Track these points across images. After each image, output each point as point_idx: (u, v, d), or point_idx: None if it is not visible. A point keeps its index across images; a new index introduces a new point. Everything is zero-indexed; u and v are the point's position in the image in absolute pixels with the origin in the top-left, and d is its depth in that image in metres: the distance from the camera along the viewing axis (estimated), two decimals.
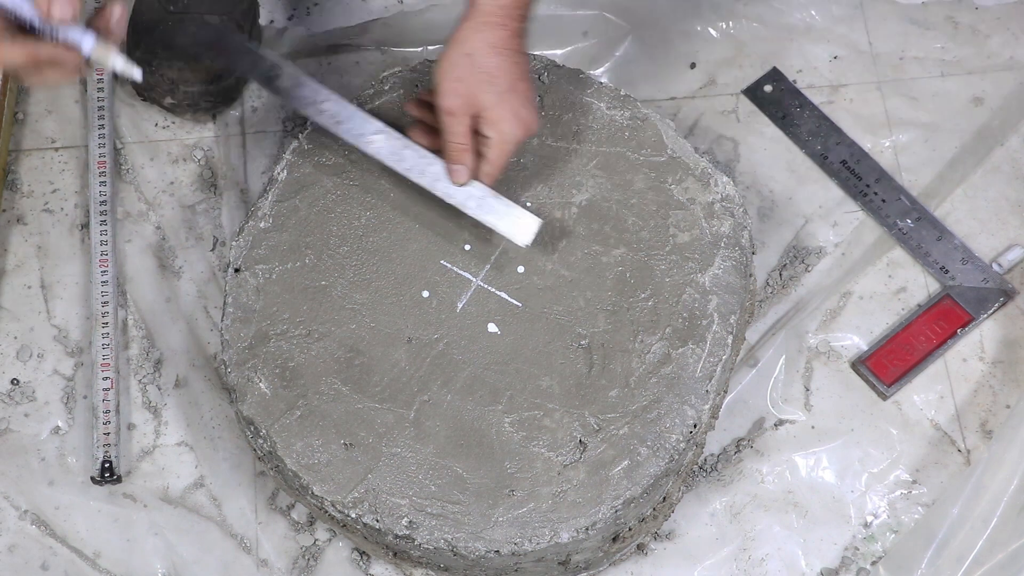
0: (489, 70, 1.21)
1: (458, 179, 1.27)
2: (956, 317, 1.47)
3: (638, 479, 1.24)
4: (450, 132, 1.24)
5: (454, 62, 1.21)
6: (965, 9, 1.64)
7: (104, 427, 1.41)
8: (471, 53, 1.20)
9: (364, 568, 1.39)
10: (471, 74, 1.21)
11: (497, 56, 1.21)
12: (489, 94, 1.21)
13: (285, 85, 1.32)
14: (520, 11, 1.22)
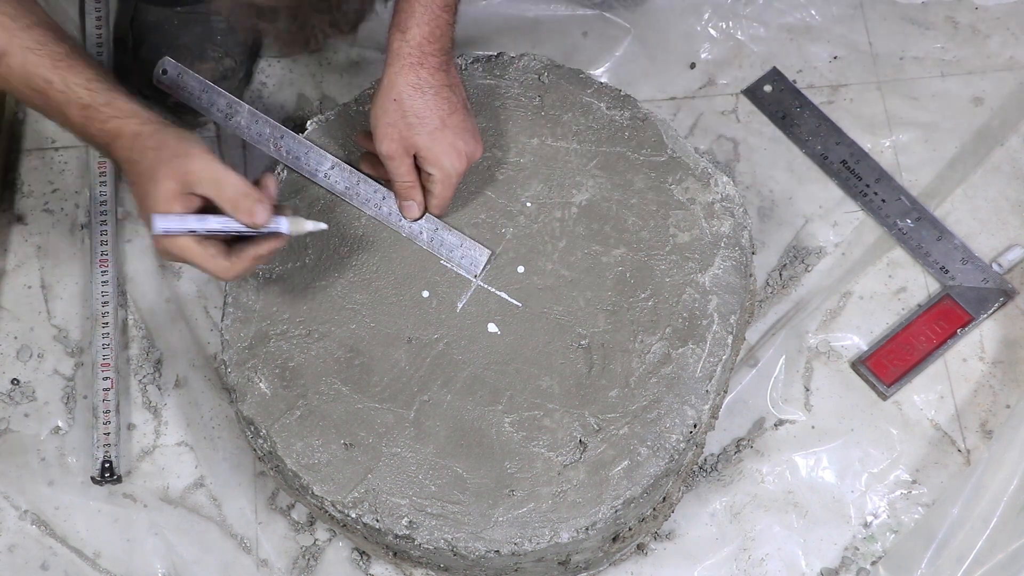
0: (416, 112, 1.24)
1: (411, 215, 1.31)
2: (956, 317, 1.47)
3: (638, 479, 1.24)
4: (394, 174, 1.28)
5: (384, 108, 1.24)
6: (965, 9, 1.64)
7: (104, 427, 1.41)
8: (397, 97, 1.24)
9: (364, 568, 1.39)
10: (401, 118, 1.24)
11: (422, 96, 1.24)
12: (421, 135, 1.25)
13: (242, 123, 1.35)
14: (437, 45, 1.24)
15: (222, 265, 1.16)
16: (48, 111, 1.19)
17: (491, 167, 1.36)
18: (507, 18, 1.62)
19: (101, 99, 1.17)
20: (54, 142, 1.58)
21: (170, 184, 1.13)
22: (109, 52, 1.58)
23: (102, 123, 1.17)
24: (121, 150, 1.16)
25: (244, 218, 1.14)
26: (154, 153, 1.15)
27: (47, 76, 1.17)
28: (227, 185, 1.14)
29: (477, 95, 1.38)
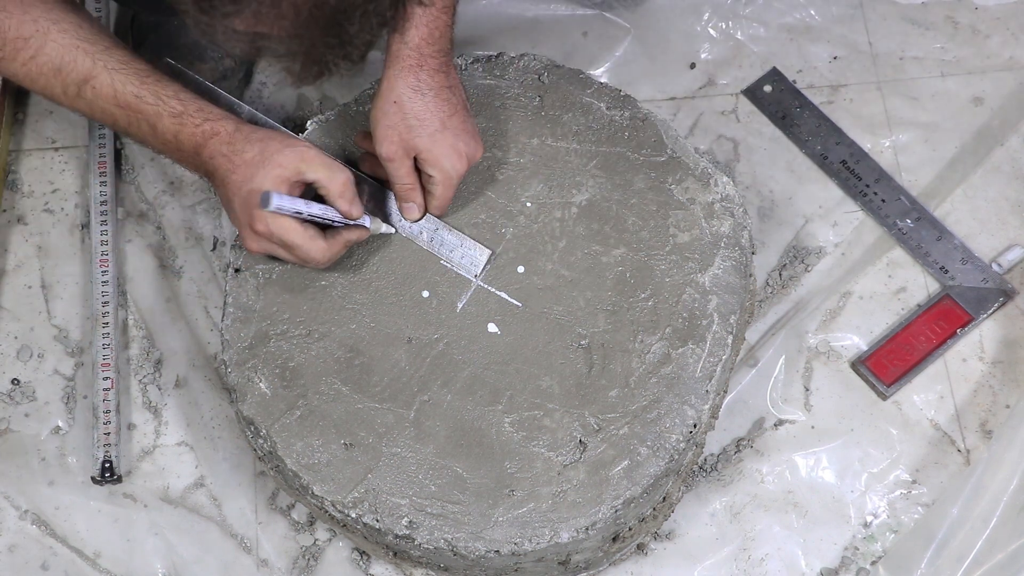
0: (416, 114, 1.25)
1: (411, 216, 1.31)
2: (956, 317, 1.47)
3: (638, 479, 1.24)
4: (395, 176, 1.28)
5: (384, 111, 1.25)
6: (965, 9, 1.64)
7: (104, 427, 1.41)
8: (397, 100, 1.25)
9: (364, 568, 1.39)
10: (401, 120, 1.25)
11: (422, 99, 1.25)
12: (422, 137, 1.25)
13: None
14: (436, 46, 1.25)
15: (320, 246, 1.23)
16: (134, 126, 1.24)
17: (491, 167, 1.36)
18: (507, 18, 1.62)
19: (193, 106, 1.24)
20: (54, 142, 1.58)
21: (280, 170, 1.20)
22: None
23: (195, 126, 1.22)
24: (218, 145, 1.22)
25: (345, 206, 1.22)
26: (261, 144, 1.21)
27: (137, 91, 1.23)
28: (339, 173, 1.22)
29: (477, 95, 1.38)
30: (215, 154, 1.22)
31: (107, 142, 1.54)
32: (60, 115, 1.59)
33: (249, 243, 1.24)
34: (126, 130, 1.26)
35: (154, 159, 1.56)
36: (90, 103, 1.24)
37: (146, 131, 1.24)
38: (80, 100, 1.24)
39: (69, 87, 1.23)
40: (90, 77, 1.22)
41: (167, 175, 1.56)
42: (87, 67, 1.22)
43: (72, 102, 1.25)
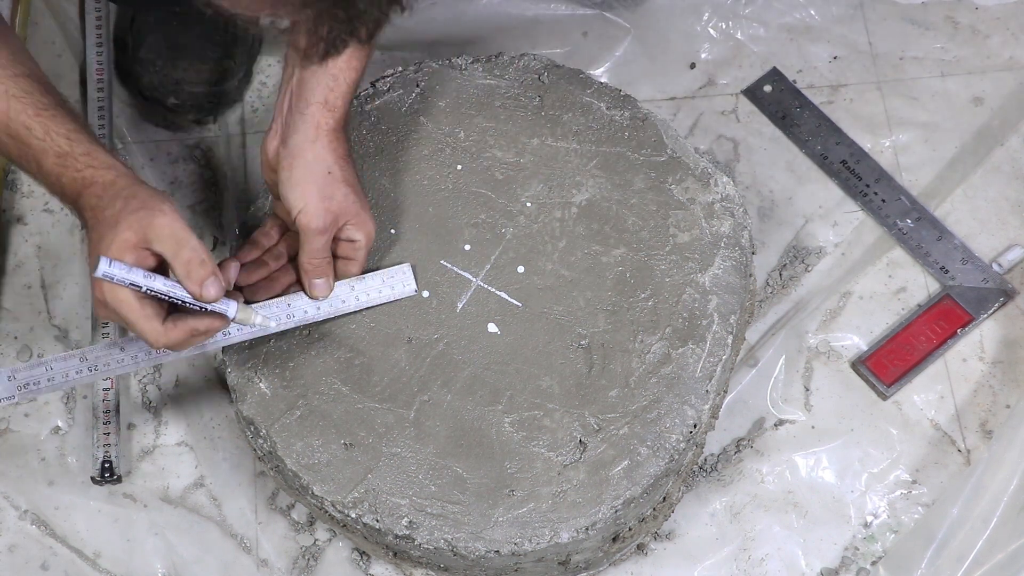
0: (347, 180, 1.22)
1: (321, 293, 1.25)
2: (956, 317, 1.47)
3: (638, 479, 1.24)
4: (315, 250, 1.22)
5: (316, 182, 1.20)
6: (965, 9, 1.64)
7: (104, 427, 1.41)
8: (332, 171, 1.21)
9: (364, 568, 1.39)
10: (336, 190, 1.21)
11: (349, 165, 1.23)
12: (354, 204, 1.23)
13: None
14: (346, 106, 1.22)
15: (155, 329, 1.11)
16: (22, 159, 1.17)
17: (491, 167, 1.36)
18: (507, 18, 1.62)
19: (80, 149, 1.15)
20: None
21: (129, 234, 1.09)
22: (109, 52, 1.58)
23: (77, 171, 1.14)
24: (90, 197, 1.13)
25: (193, 287, 1.10)
26: (122, 202, 1.11)
27: (28, 123, 1.15)
28: (186, 247, 1.10)
29: (477, 95, 1.38)
30: (86, 207, 1.14)
31: (106, 142, 1.54)
32: None
33: (95, 307, 1.14)
34: (17, 160, 1.18)
35: (154, 159, 1.56)
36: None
37: (32, 167, 1.16)
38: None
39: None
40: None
41: (167, 175, 1.56)
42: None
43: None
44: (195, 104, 1.55)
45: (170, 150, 1.57)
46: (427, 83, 1.39)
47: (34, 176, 1.18)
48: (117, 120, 1.57)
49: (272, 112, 1.24)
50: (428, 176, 1.36)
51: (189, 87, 1.52)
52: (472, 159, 1.36)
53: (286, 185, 1.21)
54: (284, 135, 1.22)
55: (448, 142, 1.37)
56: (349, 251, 1.26)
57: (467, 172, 1.35)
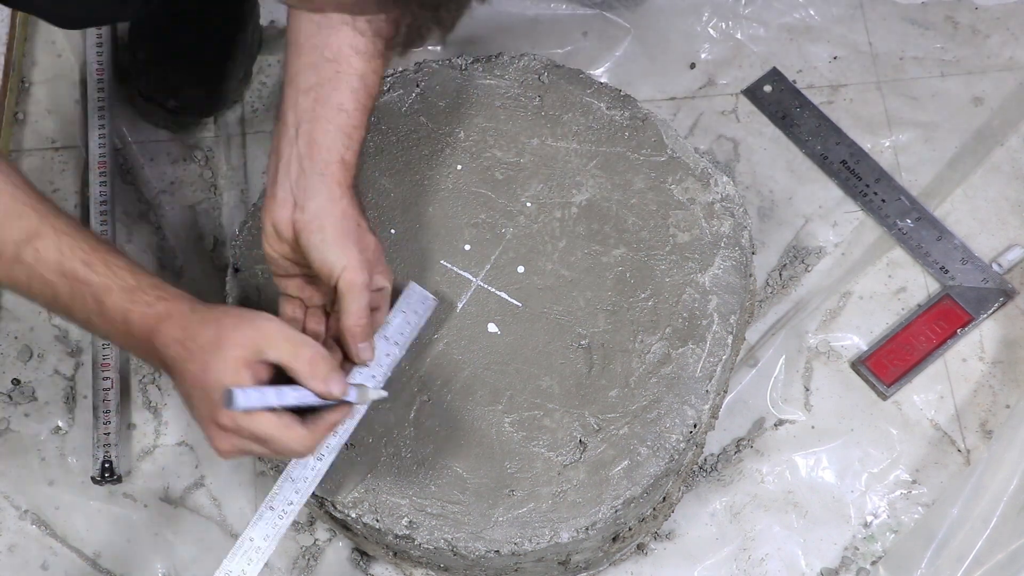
0: (372, 231, 1.16)
1: (368, 357, 1.16)
2: (956, 317, 1.47)
3: (638, 479, 1.24)
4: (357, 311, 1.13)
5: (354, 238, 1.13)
6: (965, 9, 1.64)
7: (104, 427, 1.41)
8: (359, 223, 1.15)
9: (364, 568, 1.39)
10: (368, 242, 1.15)
11: (366, 218, 1.17)
12: (380, 253, 1.16)
13: None
14: (359, 165, 1.17)
15: (299, 435, 1.05)
16: (74, 299, 1.07)
17: (491, 167, 1.36)
18: (507, 18, 1.62)
19: (146, 282, 1.07)
20: (54, 142, 1.58)
21: (239, 352, 1.03)
22: (109, 54, 1.58)
23: (148, 306, 1.06)
24: (171, 330, 1.05)
25: (319, 386, 1.04)
26: (215, 324, 1.05)
27: (86, 259, 1.06)
28: (304, 347, 1.05)
29: (477, 95, 1.38)
30: (169, 341, 1.05)
31: (107, 142, 1.54)
32: (60, 115, 1.59)
33: (216, 442, 1.05)
34: (68, 305, 1.07)
35: (154, 159, 1.56)
36: (30, 268, 1.05)
37: (91, 307, 1.07)
38: (19, 265, 1.06)
39: (6, 247, 1.05)
40: (35, 236, 1.05)
41: (167, 175, 1.56)
42: (33, 224, 1.05)
43: (8, 267, 1.06)
44: (195, 105, 1.55)
45: (170, 150, 1.57)
46: (427, 83, 1.39)
47: (84, 319, 1.08)
48: (117, 120, 1.57)
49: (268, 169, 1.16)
50: (428, 176, 1.36)
51: (188, 89, 1.52)
52: (472, 159, 1.36)
53: (321, 248, 1.12)
54: (299, 201, 1.13)
55: (448, 142, 1.37)
56: (378, 300, 1.18)
57: (467, 172, 1.35)
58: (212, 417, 1.04)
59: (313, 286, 1.18)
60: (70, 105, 1.59)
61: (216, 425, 1.04)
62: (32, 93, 1.60)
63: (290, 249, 1.15)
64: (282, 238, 1.14)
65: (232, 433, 1.04)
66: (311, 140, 1.13)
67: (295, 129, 1.14)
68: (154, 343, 1.06)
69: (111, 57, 1.58)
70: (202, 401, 1.04)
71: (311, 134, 1.13)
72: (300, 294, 1.18)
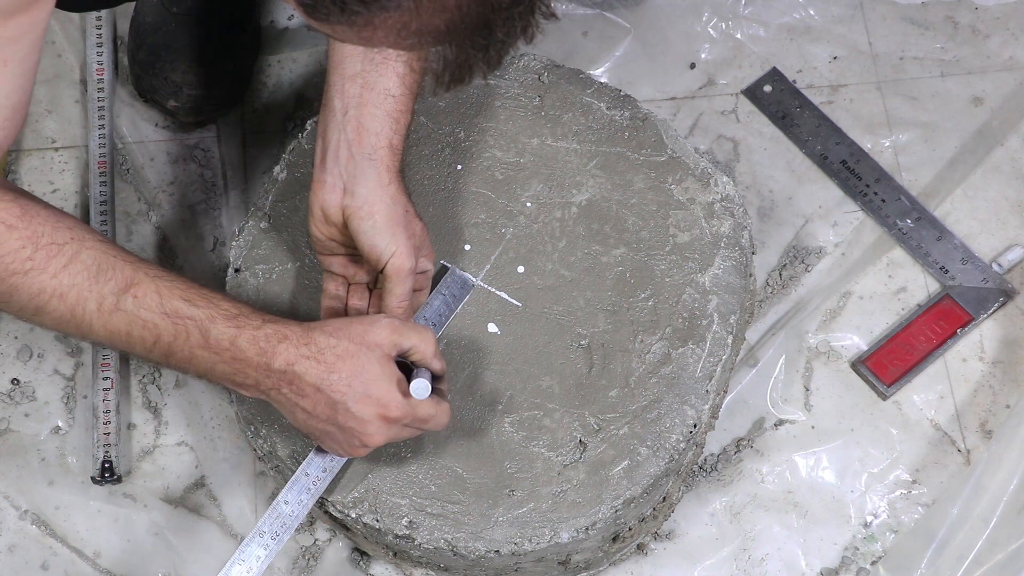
0: (418, 216, 1.21)
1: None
2: (956, 317, 1.47)
3: (638, 479, 1.24)
4: (407, 292, 1.19)
5: (403, 223, 1.17)
6: (965, 9, 1.64)
7: (104, 427, 1.41)
8: (407, 209, 1.19)
9: (364, 568, 1.39)
10: (415, 227, 1.19)
11: (412, 203, 1.21)
12: (425, 236, 1.22)
13: None
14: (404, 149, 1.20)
15: (447, 409, 1.15)
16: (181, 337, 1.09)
17: (491, 167, 1.36)
18: None
19: (248, 309, 1.11)
20: (54, 142, 1.58)
21: (382, 350, 1.10)
22: (109, 54, 1.58)
23: (256, 328, 1.09)
24: (295, 347, 1.09)
25: (441, 365, 1.15)
26: (345, 334, 1.10)
27: (185, 295, 1.09)
28: (427, 332, 1.13)
29: (477, 95, 1.38)
30: (296, 358, 1.09)
31: (107, 142, 1.54)
32: (60, 115, 1.59)
33: (374, 438, 1.12)
34: (169, 345, 1.09)
35: (154, 159, 1.56)
36: (130, 315, 1.08)
37: (196, 341, 1.09)
38: (118, 313, 1.08)
39: (106, 298, 1.07)
40: (132, 284, 1.08)
41: (167, 175, 1.56)
42: (128, 273, 1.08)
43: (107, 318, 1.08)
44: (195, 106, 1.55)
45: (170, 150, 1.57)
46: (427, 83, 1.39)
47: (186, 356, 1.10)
48: (117, 120, 1.57)
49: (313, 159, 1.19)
50: (428, 176, 1.36)
51: (189, 89, 1.52)
52: (472, 159, 1.36)
53: (370, 234, 1.16)
54: (348, 186, 1.16)
55: (448, 142, 1.37)
56: (421, 281, 1.23)
57: (467, 172, 1.35)
58: (381, 413, 1.10)
59: (356, 265, 1.22)
60: (70, 105, 1.59)
61: (383, 419, 1.11)
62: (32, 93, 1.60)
63: (338, 232, 1.19)
64: (330, 222, 1.18)
65: (396, 423, 1.11)
66: (359, 125, 1.16)
67: (343, 115, 1.16)
68: (272, 365, 1.09)
69: (111, 57, 1.58)
70: (362, 403, 1.10)
71: (359, 119, 1.16)
72: (344, 272, 1.23)
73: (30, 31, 1.04)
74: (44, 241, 1.06)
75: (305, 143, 1.37)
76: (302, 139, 1.38)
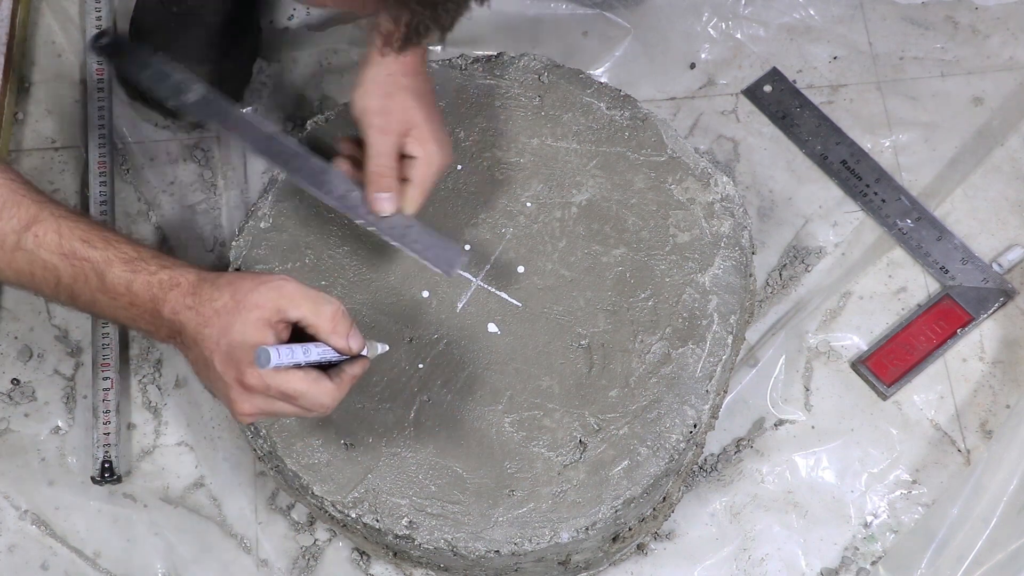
0: (414, 87, 1.17)
1: (383, 208, 1.19)
2: (956, 317, 1.47)
3: (638, 479, 1.24)
4: (378, 154, 1.16)
5: (378, 82, 1.16)
6: (965, 9, 1.64)
7: (104, 427, 1.41)
8: (392, 73, 1.16)
9: (364, 568, 1.39)
10: (398, 90, 1.16)
11: (416, 75, 1.18)
12: (419, 110, 1.17)
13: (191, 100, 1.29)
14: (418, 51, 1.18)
15: (328, 388, 1.06)
16: (80, 279, 1.08)
17: (491, 167, 1.36)
18: (507, 18, 1.62)
19: (147, 253, 1.09)
20: (54, 142, 1.58)
21: (260, 312, 1.04)
22: None
23: (151, 274, 1.07)
24: (181, 296, 1.06)
25: (342, 343, 1.06)
26: (230, 288, 1.05)
27: (85, 236, 1.08)
28: (325, 304, 1.06)
29: (477, 95, 1.38)
30: (180, 308, 1.06)
31: (107, 142, 1.54)
32: (60, 115, 1.59)
33: (240, 404, 1.06)
34: (71, 287, 1.09)
35: (154, 159, 1.56)
36: (31, 254, 1.07)
37: (93, 283, 1.07)
38: (20, 252, 1.07)
39: (7, 236, 1.07)
40: (34, 222, 1.07)
41: (167, 175, 1.56)
42: (32, 212, 1.07)
43: (10, 256, 1.07)
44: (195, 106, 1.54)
45: (170, 150, 1.57)
46: None
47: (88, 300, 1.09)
48: (117, 120, 1.57)
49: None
50: None
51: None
52: (472, 159, 1.36)
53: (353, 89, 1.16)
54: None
55: None
56: (408, 169, 1.18)
57: (467, 172, 1.35)
58: (238, 379, 1.04)
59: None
60: (70, 105, 1.59)
61: (241, 386, 1.04)
62: (32, 93, 1.60)
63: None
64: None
65: (258, 394, 1.04)
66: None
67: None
68: (161, 312, 1.06)
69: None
70: (224, 364, 1.04)
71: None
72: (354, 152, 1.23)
73: None
74: None
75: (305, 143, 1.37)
76: (302, 139, 1.37)
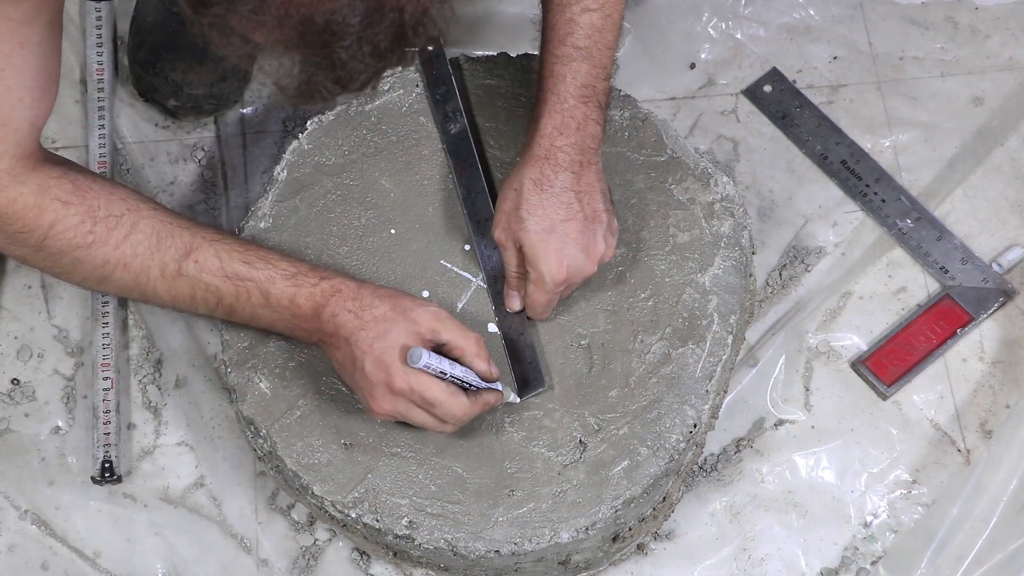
0: (529, 207, 1.21)
1: (510, 305, 1.28)
2: (956, 317, 1.47)
3: (638, 479, 1.24)
4: (505, 261, 1.26)
5: (505, 195, 1.24)
6: (965, 9, 1.64)
7: (104, 427, 1.41)
8: (518, 188, 1.22)
9: (364, 568, 1.39)
10: (514, 209, 1.22)
11: (539, 193, 1.21)
12: (526, 231, 1.21)
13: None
14: (569, 140, 1.21)
15: (463, 402, 1.17)
16: (242, 298, 1.19)
17: (491, 167, 1.36)
18: (507, 18, 1.62)
19: (304, 267, 1.19)
20: (54, 142, 1.58)
21: (416, 327, 1.15)
22: (109, 52, 1.58)
23: (313, 285, 1.18)
24: (342, 302, 1.17)
25: (483, 366, 1.18)
26: (391, 300, 1.17)
27: (244, 258, 1.18)
28: (471, 333, 1.18)
29: (477, 95, 1.38)
30: (339, 311, 1.17)
31: (107, 142, 1.54)
32: (60, 115, 1.59)
33: (380, 402, 1.16)
34: (231, 306, 1.19)
35: (154, 159, 1.56)
36: (193, 279, 1.17)
37: (256, 300, 1.18)
38: (180, 279, 1.17)
39: (168, 265, 1.16)
40: (192, 249, 1.17)
41: (167, 175, 1.56)
42: (187, 239, 1.16)
43: (170, 283, 1.17)
44: (195, 106, 1.55)
45: (170, 150, 1.57)
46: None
47: (249, 315, 1.20)
48: (117, 120, 1.57)
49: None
50: (428, 176, 1.36)
51: (189, 89, 1.52)
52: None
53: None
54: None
55: None
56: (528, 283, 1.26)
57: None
58: (386, 379, 1.14)
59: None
60: (70, 105, 1.59)
61: (387, 387, 1.15)
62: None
63: None
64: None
65: (399, 395, 1.15)
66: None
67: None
68: (322, 316, 1.17)
69: (111, 57, 1.58)
70: (375, 366, 1.14)
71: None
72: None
73: (43, 11, 1.07)
74: (101, 214, 1.13)
75: (305, 143, 1.37)
76: (302, 139, 1.38)
